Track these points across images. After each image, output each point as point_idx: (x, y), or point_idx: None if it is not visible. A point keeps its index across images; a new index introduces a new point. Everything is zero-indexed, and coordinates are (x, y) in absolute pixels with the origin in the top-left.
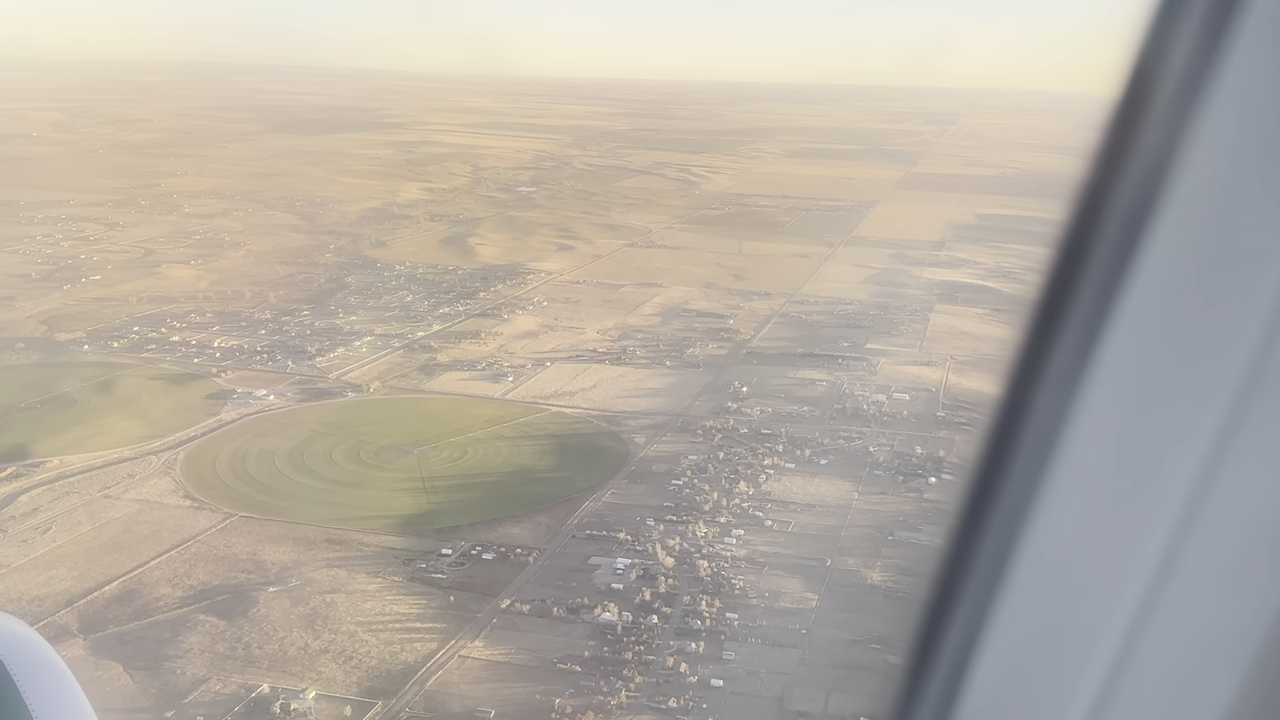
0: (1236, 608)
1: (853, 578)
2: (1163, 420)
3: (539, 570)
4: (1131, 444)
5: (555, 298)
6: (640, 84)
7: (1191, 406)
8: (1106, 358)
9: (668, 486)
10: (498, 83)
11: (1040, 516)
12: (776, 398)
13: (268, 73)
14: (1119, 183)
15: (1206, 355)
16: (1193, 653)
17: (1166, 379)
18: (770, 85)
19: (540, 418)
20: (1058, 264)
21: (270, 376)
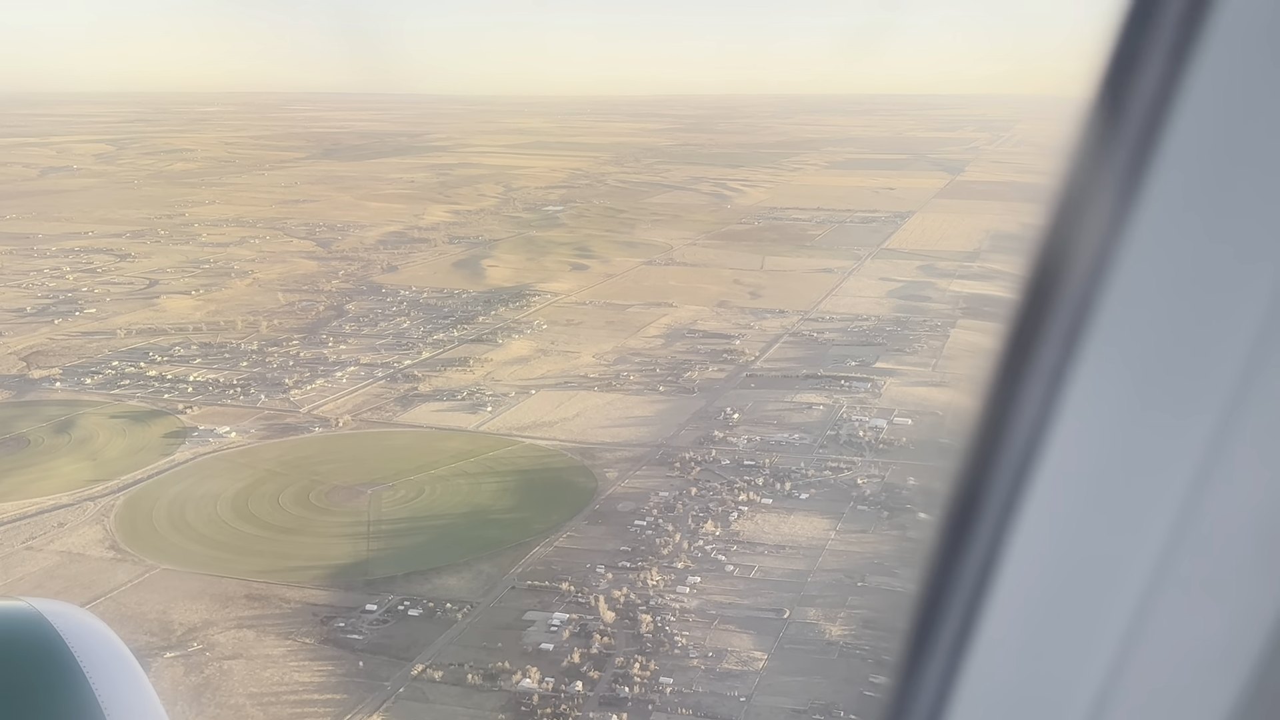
0: (1233, 613)
1: (809, 633)
2: (1153, 421)
3: (466, 628)
4: (1120, 447)
5: (557, 320)
6: (694, 99)
7: (1181, 407)
8: (1090, 361)
9: (629, 528)
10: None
11: (1026, 523)
12: (768, 424)
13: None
14: (1098, 184)
15: (1195, 356)
16: (1188, 661)
17: (1153, 382)
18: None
19: (511, 451)
20: (1038, 267)
21: (238, 412)
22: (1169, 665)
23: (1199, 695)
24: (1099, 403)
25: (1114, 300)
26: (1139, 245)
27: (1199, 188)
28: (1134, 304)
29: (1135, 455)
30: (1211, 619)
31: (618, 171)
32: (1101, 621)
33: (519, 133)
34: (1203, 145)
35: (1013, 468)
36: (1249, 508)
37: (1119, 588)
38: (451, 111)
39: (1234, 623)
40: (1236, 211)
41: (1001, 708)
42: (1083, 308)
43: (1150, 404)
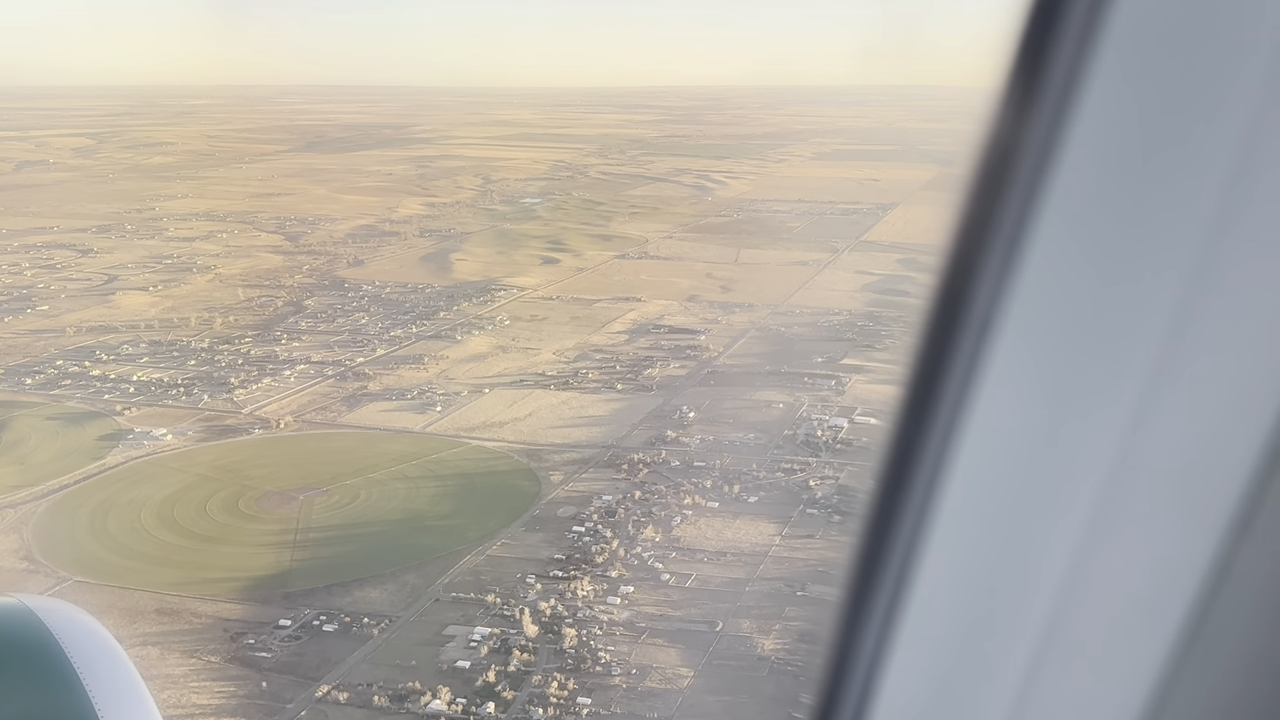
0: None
1: (740, 646)
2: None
3: (382, 644)
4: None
5: (520, 316)
6: (687, 91)
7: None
8: (1005, 346)
9: (566, 535)
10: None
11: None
12: (724, 424)
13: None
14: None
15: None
16: (1122, 608)
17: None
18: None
19: (455, 453)
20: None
21: (178, 413)
22: (1098, 624)
23: (1135, 644)
24: (1015, 382)
25: (1026, 287)
26: (1047, 235)
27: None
28: (1045, 290)
29: (1053, 433)
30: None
31: (600, 163)
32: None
33: (505, 124)
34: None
35: (934, 454)
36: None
37: (1047, 549)
38: (441, 103)
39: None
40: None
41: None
42: (995, 296)
43: (1065, 379)
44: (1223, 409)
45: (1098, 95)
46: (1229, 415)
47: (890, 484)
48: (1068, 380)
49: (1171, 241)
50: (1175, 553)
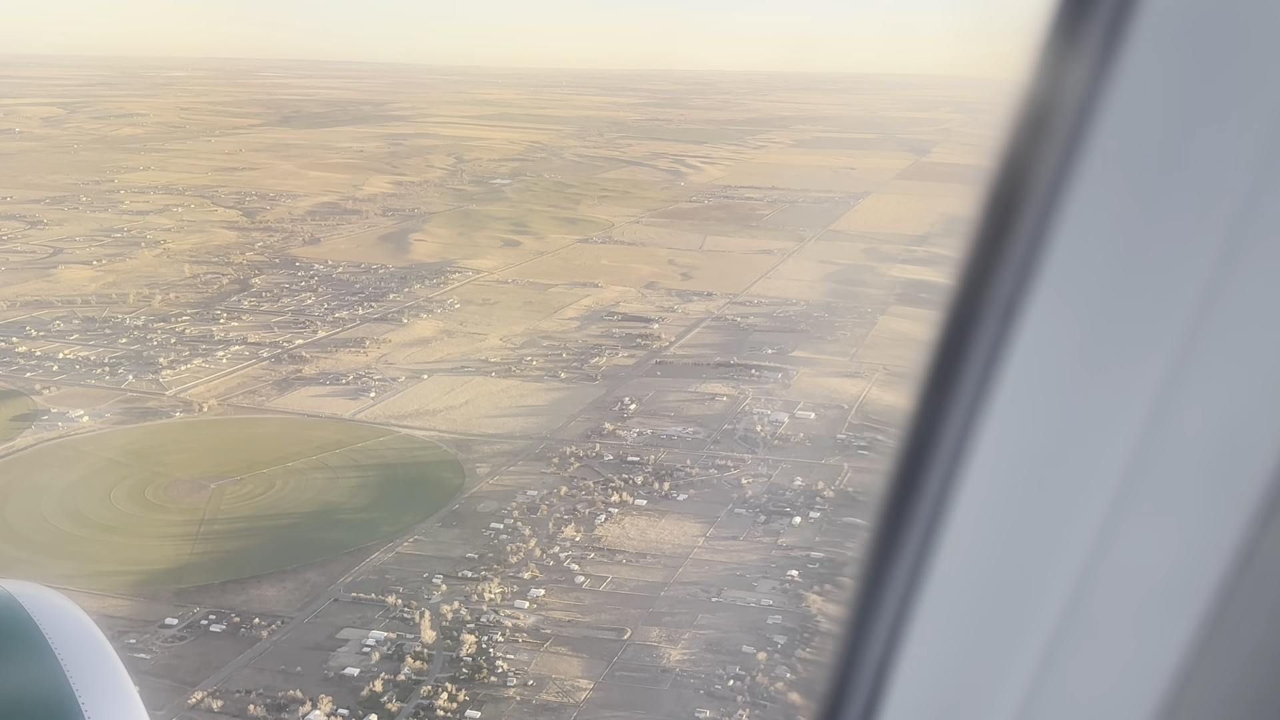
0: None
1: (646, 656)
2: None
3: (269, 647)
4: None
5: (472, 299)
6: (674, 74)
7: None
8: (1026, 337)
9: (483, 532)
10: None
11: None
12: (664, 417)
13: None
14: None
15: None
16: (1142, 597)
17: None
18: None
19: (383, 442)
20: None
21: (99, 393)
22: (1126, 601)
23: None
24: (1037, 368)
25: (1050, 273)
26: (1072, 219)
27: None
28: (1069, 276)
29: (1073, 421)
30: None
31: (577, 145)
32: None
33: (486, 104)
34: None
35: (953, 442)
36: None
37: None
38: (424, 81)
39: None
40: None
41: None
42: (1019, 281)
43: (1086, 373)
44: (1247, 398)
45: (1127, 83)
46: (1253, 404)
47: (907, 471)
48: (1090, 368)
49: (1197, 227)
50: (1197, 543)
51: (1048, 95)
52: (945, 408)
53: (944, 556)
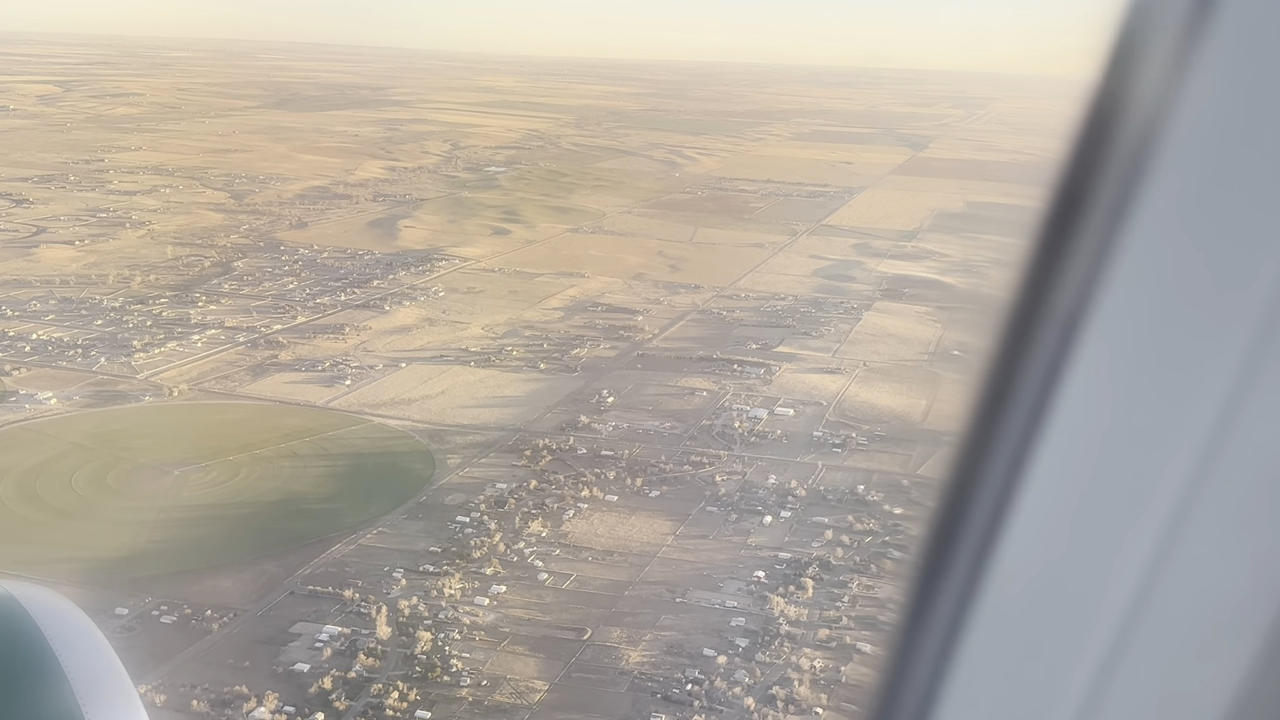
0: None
1: (605, 659)
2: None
3: (220, 640)
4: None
5: (457, 288)
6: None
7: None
8: (1091, 341)
9: (448, 525)
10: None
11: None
12: (641, 411)
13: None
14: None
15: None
16: (1201, 620)
17: (1155, 361)
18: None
19: (354, 431)
20: (1038, 247)
21: (70, 375)
22: (1183, 625)
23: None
24: (1098, 387)
25: (1116, 286)
26: (1139, 234)
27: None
28: (1136, 289)
29: (1138, 431)
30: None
31: (574, 134)
32: (1107, 585)
33: (487, 91)
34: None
35: (1012, 451)
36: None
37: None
38: (426, 66)
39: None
40: (1243, 197)
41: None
42: (1085, 287)
43: (1151, 385)
44: None
45: (1201, 87)
46: None
47: (965, 478)
48: (1154, 382)
49: (1268, 240)
50: (1262, 558)
51: (1117, 98)
52: (1003, 417)
53: (1000, 569)
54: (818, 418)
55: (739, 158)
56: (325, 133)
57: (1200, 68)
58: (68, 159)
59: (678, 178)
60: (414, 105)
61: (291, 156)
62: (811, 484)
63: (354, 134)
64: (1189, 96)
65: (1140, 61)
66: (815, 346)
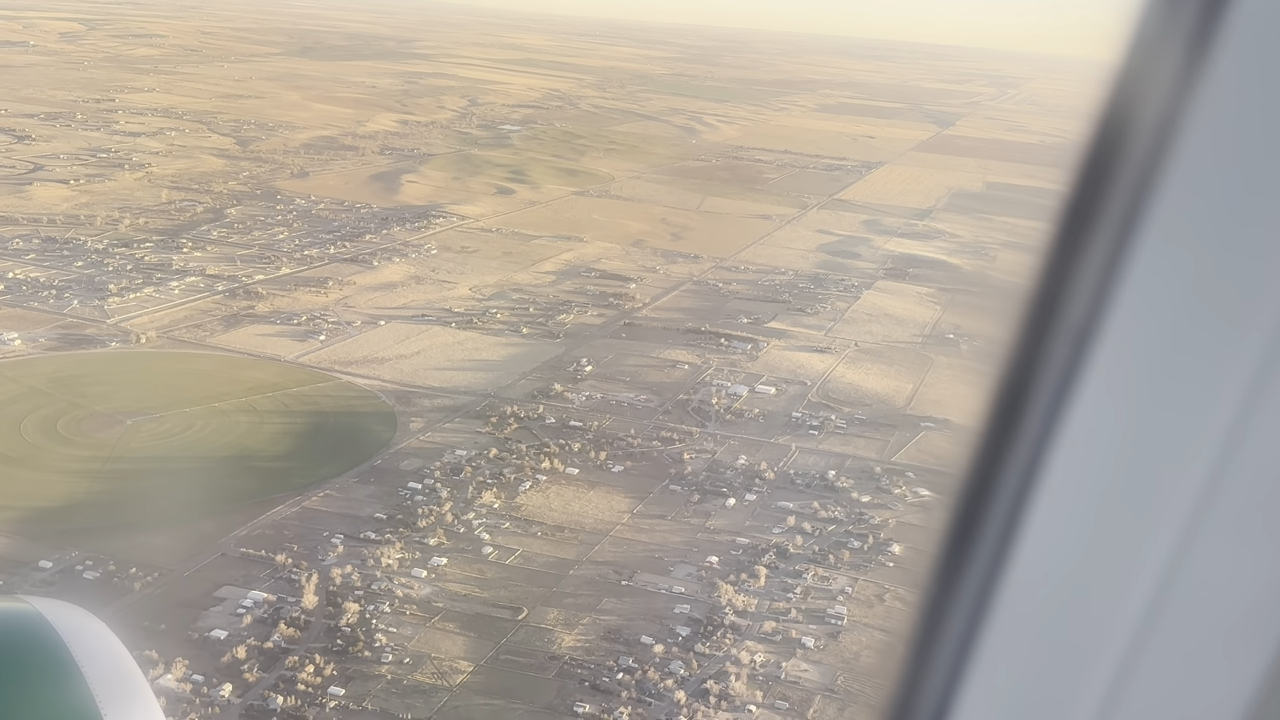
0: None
1: (537, 640)
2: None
3: (140, 600)
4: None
5: (451, 246)
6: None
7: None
8: (1108, 343)
9: (399, 490)
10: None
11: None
12: (619, 381)
13: None
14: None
15: (1218, 334)
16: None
17: (1171, 364)
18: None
19: (319, 389)
20: (1054, 246)
21: (39, 317)
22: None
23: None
24: (1115, 387)
25: (1131, 288)
26: (1158, 227)
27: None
28: (1151, 291)
29: (1153, 435)
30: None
31: (596, 96)
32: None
33: (513, 48)
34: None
35: (1027, 452)
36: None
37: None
38: (455, 20)
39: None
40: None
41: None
42: (1100, 289)
43: (1167, 385)
44: None
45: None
46: None
47: (980, 479)
48: (1170, 383)
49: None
50: (1277, 565)
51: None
52: (1019, 419)
53: (1016, 572)
54: (799, 398)
55: (759, 127)
56: (342, 83)
57: (1214, 69)
58: (79, 97)
59: (694, 144)
60: (437, 59)
61: (304, 105)
62: (782, 467)
63: (371, 85)
64: (1204, 98)
65: (1155, 62)
66: (808, 324)
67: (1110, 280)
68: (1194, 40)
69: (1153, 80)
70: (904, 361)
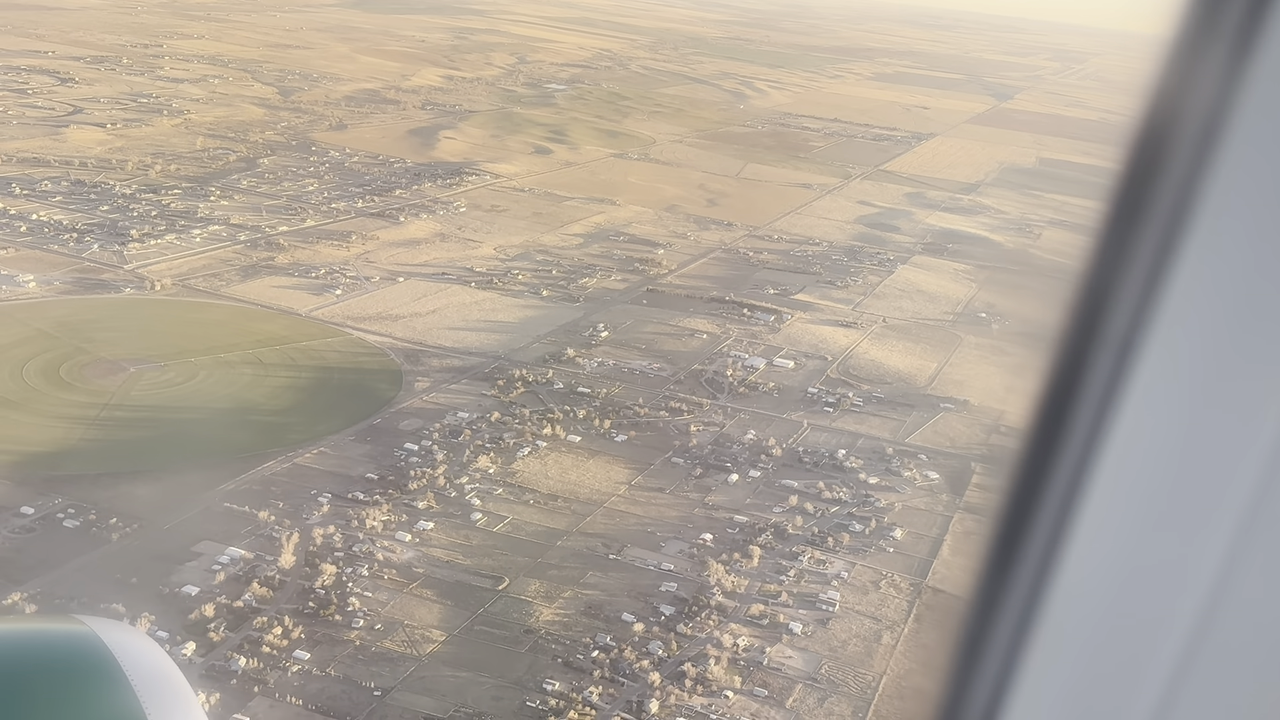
0: None
1: (515, 612)
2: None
3: (117, 551)
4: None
5: (480, 204)
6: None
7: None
8: (1154, 349)
9: (394, 451)
10: None
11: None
12: (633, 349)
13: None
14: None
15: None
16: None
17: (1221, 370)
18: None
19: (329, 343)
20: (1105, 230)
21: (57, 260)
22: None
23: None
24: (1163, 392)
25: (1180, 284)
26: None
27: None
28: (1200, 289)
29: (1204, 440)
30: None
31: (647, 57)
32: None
33: (570, 5)
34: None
35: (1078, 450)
36: None
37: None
38: None
39: None
40: None
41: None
42: (1147, 291)
43: (1217, 392)
44: None
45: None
46: None
47: (1029, 478)
48: (1223, 381)
49: None
50: None
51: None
52: (1066, 421)
53: (1064, 579)
54: (818, 373)
55: (811, 94)
56: (392, 35)
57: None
58: (127, 42)
59: (741, 110)
60: (491, 15)
61: (351, 57)
62: (791, 444)
63: (421, 39)
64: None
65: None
66: (837, 297)
67: (1160, 271)
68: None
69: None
70: (931, 339)
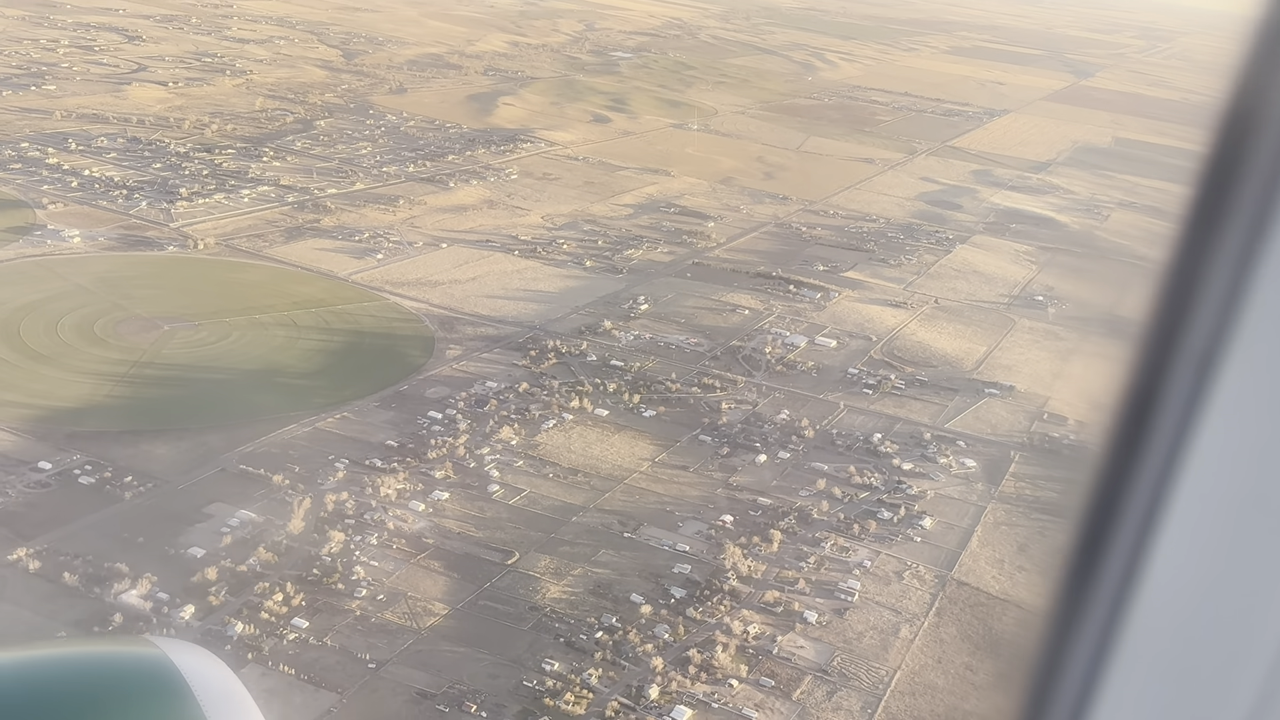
0: None
1: (521, 587)
2: None
3: (127, 510)
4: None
5: (533, 172)
6: None
7: None
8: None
9: (417, 419)
10: None
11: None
12: (672, 322)
13: None
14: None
15: None
16: None
17: None
18: None
19: (365, 307)
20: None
21: (104, 216)
22: None
23: None
24: (1253, 391)
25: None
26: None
27: None
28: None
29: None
30: None
31: (716, 26)
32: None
33: None
34: None
35: (1158, 467)
36: None
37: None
38: None
39: None
40: None
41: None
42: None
43: None
44: None
45: None
46: None
47: (1109, 493)
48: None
49: None
50: None
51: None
52: (1148, 429)
53: (1149, 588)
54: (860, 353)
55: (883, 66)
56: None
57: None
58: (197, 1)
59: (809, 81)
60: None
61: (418, 21)
62: (824, 425)
63: (490, 4)
64: None
65: None
66: (888, 275)
67: (1241, 288)
68: None
69: None
70: (983, 322)
